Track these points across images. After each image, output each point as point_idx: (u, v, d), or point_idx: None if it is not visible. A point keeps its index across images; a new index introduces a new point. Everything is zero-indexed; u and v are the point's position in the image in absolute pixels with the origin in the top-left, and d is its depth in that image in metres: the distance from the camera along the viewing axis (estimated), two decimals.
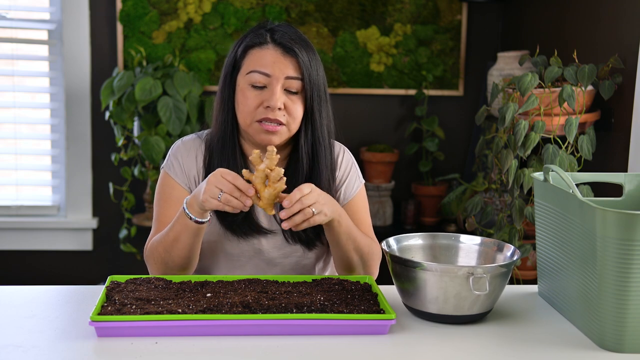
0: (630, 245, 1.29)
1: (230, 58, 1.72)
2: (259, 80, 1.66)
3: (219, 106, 1.74)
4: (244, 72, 1.68)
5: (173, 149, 1.78)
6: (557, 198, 1.50)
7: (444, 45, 3.46)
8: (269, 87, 1.66)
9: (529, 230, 2.53)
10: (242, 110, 1.68)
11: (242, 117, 1.68)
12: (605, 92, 2.27)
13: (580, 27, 2.64)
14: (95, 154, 3.42)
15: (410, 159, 3.54)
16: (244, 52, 1.69)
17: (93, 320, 1.33)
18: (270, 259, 1.75)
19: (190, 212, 1.58)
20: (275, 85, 1.65)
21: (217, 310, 1.38)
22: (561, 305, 1.53)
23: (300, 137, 1.73)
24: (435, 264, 1.43)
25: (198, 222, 1.59)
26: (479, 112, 2.54)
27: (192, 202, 1.59)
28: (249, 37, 1.71)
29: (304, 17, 3.39)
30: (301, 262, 1.78)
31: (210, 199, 1.52)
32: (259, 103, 1.66)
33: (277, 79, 1.66)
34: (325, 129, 1.74)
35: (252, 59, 1.67)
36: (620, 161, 2.31)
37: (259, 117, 1.66)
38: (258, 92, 1.66)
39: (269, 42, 1.67)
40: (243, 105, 1.67)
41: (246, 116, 1.67)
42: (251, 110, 1.66)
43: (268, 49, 1.67)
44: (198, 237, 1.63)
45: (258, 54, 1.67)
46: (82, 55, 3.33)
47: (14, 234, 3.42)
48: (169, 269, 1.67)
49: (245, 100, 1.67)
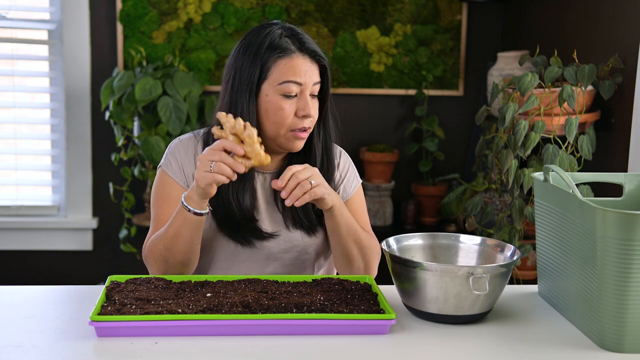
0: (630, 245, 1.29)
1: (253, 66, 1.68)
2: (293, 90, 1.68)
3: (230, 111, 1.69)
4: (275, 82, 1.67)
5: (170, 148, 1.79)
6: (557, 198, 1.50)
7: (444, 45, 3.46)
8: (301, 96, 1.68)
9: (529, 230, 2.53)
10: (276, 121, 1.68)
11: (276, 127, 1.69)
12: (605, 92, 2.27)
13: (580, 27, 2.64)
14: (95, 154, 3.42)
15: (410, 159, 3.54)
16: (272, 61, 1.68)
17: (93, 320, 1.33)
18: (270, 255, 1.76)
19: (189, 204, 1.59)
20: (307, 94, 1.69)
21: (217, 310, 1.38)
22: (561, 305, 1.53)
23: (314, 139, 1.76)
24: (435, 264, 1.43)
25: (197, 213, 1.60)
26: (479, 112, 2.54)
27: (190, 194, 1.59)
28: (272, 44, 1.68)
29: (304, 17, 3.39)
30: (301, 257, 1.78)
31: (204, 173, 1.53)
32: (294, 112, 1.68)
33: (307, 87, 1.69)
34: (333, 130, 1.80)
35: (283, 69, 1.67)
36: (620, 161, 2.31)
37: (294, 127, 1.68)
38: (292, 102, 1.68)
39: (297, 50, 1.69)
40: (278, 116, 1.68)
41: (280, 126, 1.68)
42: (287, 120, 1.68)
43: (298, 57, 1.68)
44: (198, 231, 1.63)
45: (289, 63, 1.68)
46: (82, 55, 3.33)
47: (14, 234, 3.42)
48: (170, 267, 1.67)
49: (280, 111, 1.67)
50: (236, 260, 1.76)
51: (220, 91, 1.75)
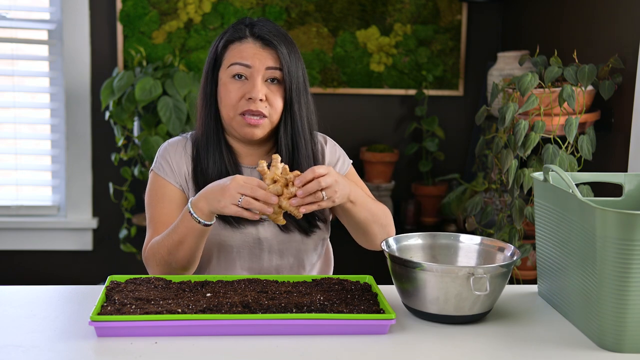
0: (630, 245, 1.29)
1: (212, 54, 1.76)
2: (240, 71, 1.70)
3: (202, 102, 1.78)
4: (225, 66, 1.72)
5: (160, 151, 1.81)
6: (557, 198, 1.50)
7: (444, 45, 3.46)
8: (250, 79, 1.71)
9: (529, 230, 2.53)
10: (226, 104, 1.72)
11: (226, 111, 1.72)
12: (605, 92, 2.27)
13: (580, 27, 2.64)
14: (95, 154, 3.42)
15: (410, 159, 3.54)
16: (224, 47, 1.74)
17: (93, 320, 1.33)
18: (270, 246, 1.77)
19: (199, 216, 1.58)
20: (256, 77, 1.70)
21: (217, 310, 1.38)
22: (561, 305, 1.53)
23: (280, 129, 1.76)
24: (435, 265, 1.43)
25: (206, 225, 1.60)
26: (479, 112, 2.54)
27: (201, 206, 1.58)
28: (229, 32, 1.75)
29: (304, 17, 3.39)
30: (300, 247, 1.79)
31: (231, 205, 1.52)
32: (242, 95, 1.70)
33: (258, 70, 1.70)
34: (306, 121, 1.78)
35: (232, 52, 1.72)
36: (620, 161, 2.31)
37: (241, 110, 1.70)
38: (240, 84, 1.71)
39: (249, 35, 1.73)
40: (226, 98, 1.71)
41: (229, 109, 1.71)
42: (234, 102, 1.70)
43: (248, 42, 1.72)
44: (203, 238, 1.64)
45: (238, 47, 1.72)
46: (82, 55, 3.33)
47: (14, 234, 3.42)
48: (172, 270, 1.67)
49: (227, 93, 1.71)
50: (235, 253, 1.76)
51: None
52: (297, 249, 1.79)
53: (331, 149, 1.88)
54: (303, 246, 1.79)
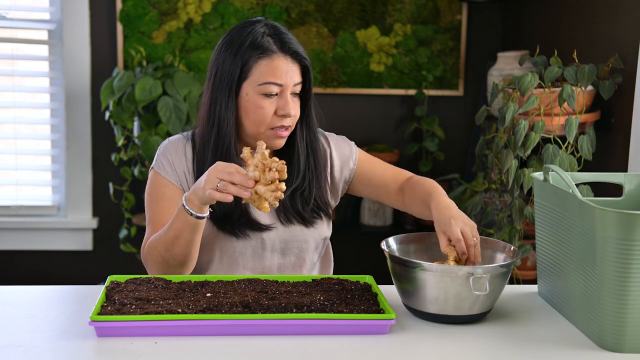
0: (630, 245, 1.29)
1: (234, 64, 1.70)
2: (274, 90, 1.69)
3: (211, 107, 1.73)
4: (255, 82, 1.69)
5: (161, 149, 1.80)
6: (557, 198, 1.50)
7: (444, 45, 3.46)
8: (282, 96, 1.70)
9: (529, 230, 2.53)
10: (256, 120, 1.70)
11: (255, 125, 1.71)
12: (605, 92, 2.27)
13: (580, 27, 2.64)
14: (95, 154, 3.42)
15: (410, 159, 3.54)
16: (253, 61, 1.69)
17: (93, 320, 1.33)
18: (272, 245, 1.78)
19: (191, 208, 1.59)
20: (287, 94, 1.70)
21: (217, 310, 1.38)
22: (561, 305, 1.53)
23: (296, 134, 1.77)
24: (435, 265, 1.43)
25: (198, 217, 1.60)
26: (479, 112, 2.54)
27: (191, 198, 1.59)
28: (251, 42, 1.69)
29: (304, 17, 3.39)
30: (302, 245, 1.80)
31: (210, 189, 1.52)
32: (274, 111, 1.70)
33: (288, 87, 1.70)
34: (316, 121, 1.81)
35: (264, 69, 1.69)
36: (620, 161, 2.31)
37: (273, 125, 1.71)
38: (271, 101, 1.70)
39: (278, 51, 1.70)
40: (258, 114, 1.70)
41: (260, 125, 1.71)
42: (267, 119, 1.70)
43: (279, 58, 1.70)
44: (198, 233, 1.64)
45: (270, 64, 1.69)
46: (82, 55, 3.33)
47: (14, 234, 3.42)
48: (170, 267, 1.67)
49: (260, 110, 1.69)
50: (237, 253, 1.76)
51: (204, 86, 1.77)
52: (299, 247, 1.79)
53: (336, 146, 1.88)
54: (305, 245, 1.80)
